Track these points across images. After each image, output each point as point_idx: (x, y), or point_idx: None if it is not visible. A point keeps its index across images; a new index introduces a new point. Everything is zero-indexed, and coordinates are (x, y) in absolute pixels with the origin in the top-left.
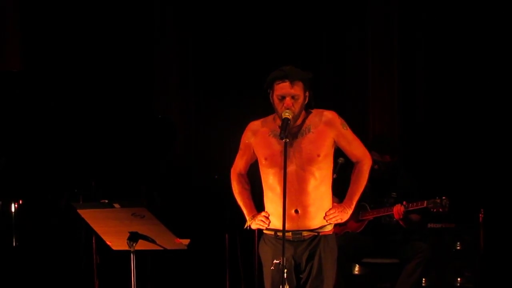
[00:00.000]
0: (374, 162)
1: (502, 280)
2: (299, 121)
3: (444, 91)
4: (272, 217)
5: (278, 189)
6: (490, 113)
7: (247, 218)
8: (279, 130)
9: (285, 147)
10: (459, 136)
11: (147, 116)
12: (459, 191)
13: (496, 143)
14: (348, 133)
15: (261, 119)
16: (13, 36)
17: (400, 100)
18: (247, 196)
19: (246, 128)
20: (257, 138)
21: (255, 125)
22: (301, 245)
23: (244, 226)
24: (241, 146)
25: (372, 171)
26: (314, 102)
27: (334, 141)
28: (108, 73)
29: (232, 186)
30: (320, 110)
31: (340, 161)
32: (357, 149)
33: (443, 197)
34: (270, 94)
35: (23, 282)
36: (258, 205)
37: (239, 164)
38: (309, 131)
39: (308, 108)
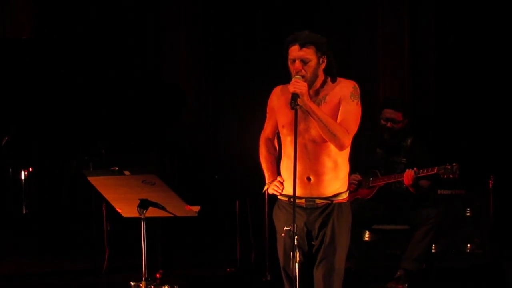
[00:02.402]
0: (387, 120)
1: None
2: (316, 86)
3: (455, 56)
4: (286, 183)
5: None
6: (502, 79)
7: (267, 182)
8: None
9: (296, 116)
10: (469, 102)
11: (156, 82)
12: (469, 158)
13: (507, 109)
14: (351, 105)
15: (285, 85)
16: (24, 3)
17: (410, 66)
18: (271, 161)
19: (272, 93)
20: (279, 104)
21: (279, 90)
22: (314, 212)
23: (263, 189)
24: (268, 110)
25: (385, 130)
26: (337, 68)
27: None
28: (118, 38)
29: (259, 149)
30: (342, 79)
31: None
32: (343, 123)
33: (454, 164)
34: (286, 59)
35: (34, 250)
36: None
37: (267, 129)
38: (324, 101)
39: (328, 74)
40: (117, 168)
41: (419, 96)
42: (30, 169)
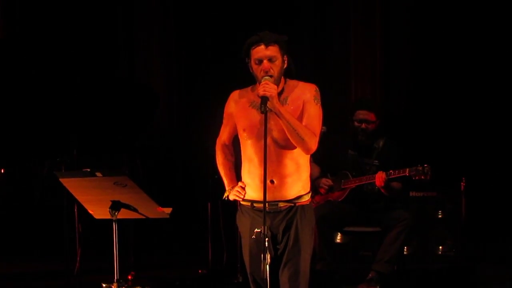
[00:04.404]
0: (361, 121)
1: (483, 248)
2: (278, 89)
3: (428, 58)
4: (248, 188)
5: (256, 160)
6: (473, 82)
7: (227, 189)
8: (258, 101)
9: (265, 121)
10: (441, 104)
11: (128, 84)
12: (440, 159)
13: (478, 112)
14: (315, 108)
15: (243, 89)
16: None
17: (382, 68)
18: (229, 167)
19: (229, 98)
20: (238, 108)
21: (236, 94)
22: (278, 216)
23: (223, 196)
24: (224, 116)
25: (359, 132)
26: (295, 67)
27: None
28: (90, 40)
29: (216, 156)
30: (301, 82)
31: (322, 130)
32: (309, 126)
33: (425, 165)
34: (249, 62)
35: (5, 251)
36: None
37: (223, 135)
38: (286, 103)
39: (288, 74)
40: (89, 170)
41: (391, 98)
42: (2, 170)
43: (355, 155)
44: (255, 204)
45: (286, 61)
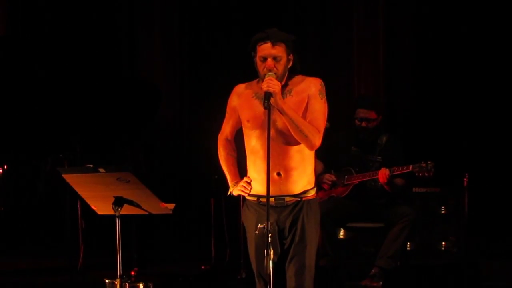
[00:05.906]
0: (361, 119)
1: (486, 244)
2: (282, 82)
3: (431, 54)
4: (254, 182)
5: (261, 152)
6: (476, 78)
7: (230, 184)
8: (262, 92)
9: (269, 117)
10: (444, 100)
11: (131, 80)
12: (443, 155)
13: (481, 107)
14: (320, 103)
15: (247, 83)
16: None
17: (385, 64)
18: (232, 163)
19: (232, 92)
20: (241, 100)
21: (240, 88)
22: (284, 210)
23: (228, 192)
24: (227, 110)
25: (360, 130)
26: (300, 66)
27: None
28: (92, 37)
29: (218, 151)
30: (306, 76)
31: (326, 126)
32: (313, 122)
33: (429, 161)
34: (254, 57)
35: (8, 247)
36: (243, 172)
37: (225, 129)
38: (290, 95)
39: (293, 72)
40: (92, 166)
41: (394, 94)
42: (5, 167)
43: (358, 152)
44: (261, 199)
45: (291, 60)
